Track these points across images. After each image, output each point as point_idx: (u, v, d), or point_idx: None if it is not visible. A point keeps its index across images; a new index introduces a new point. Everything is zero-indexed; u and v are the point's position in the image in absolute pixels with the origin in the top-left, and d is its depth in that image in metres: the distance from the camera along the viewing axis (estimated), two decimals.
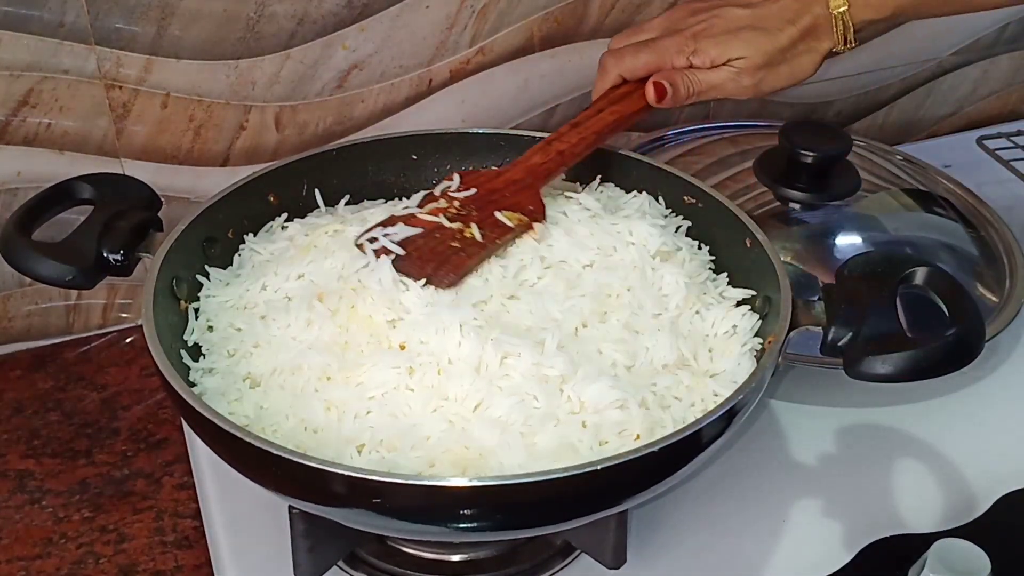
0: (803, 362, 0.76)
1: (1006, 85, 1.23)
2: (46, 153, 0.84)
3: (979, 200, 0.95)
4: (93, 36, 0.80)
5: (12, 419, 0.84)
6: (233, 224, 0.74)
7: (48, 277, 0.66)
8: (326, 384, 0.62)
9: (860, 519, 0.72)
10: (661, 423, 0.61)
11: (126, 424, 0.84)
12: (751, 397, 0.60)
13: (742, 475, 0.75)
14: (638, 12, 0.98)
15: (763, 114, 1.11)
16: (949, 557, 0.63)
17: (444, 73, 0.94)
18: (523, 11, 0.94)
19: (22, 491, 0.78)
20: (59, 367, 0.89)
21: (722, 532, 0.72)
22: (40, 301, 0.90)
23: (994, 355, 0.85)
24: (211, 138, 0.89)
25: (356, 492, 0.54)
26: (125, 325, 0.94)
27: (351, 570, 0.69)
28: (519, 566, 0.69)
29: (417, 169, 0.82)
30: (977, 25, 1.16)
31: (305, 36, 0.87)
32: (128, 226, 0.69)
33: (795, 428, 0.80)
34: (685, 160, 0.95)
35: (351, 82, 0.91)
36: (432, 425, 0.59)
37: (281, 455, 0.54)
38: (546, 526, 0.61)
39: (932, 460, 0.77)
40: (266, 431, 0.60)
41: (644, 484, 0.58)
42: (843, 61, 1.11)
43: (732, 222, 0.73)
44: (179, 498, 0.77)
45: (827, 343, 0.63)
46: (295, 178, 0.78)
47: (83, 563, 0.73)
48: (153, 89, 0.84)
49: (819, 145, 0.85)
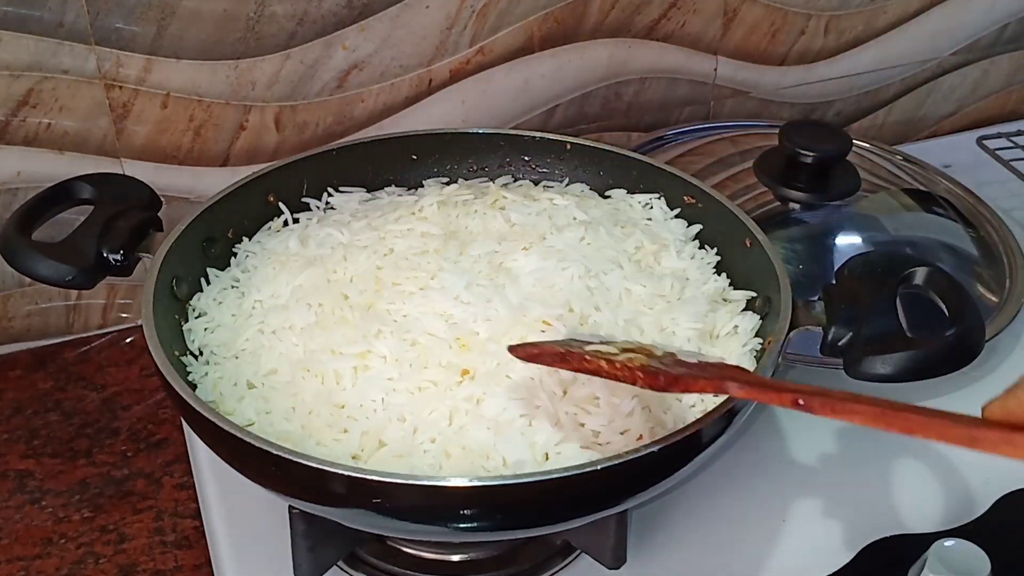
0: (803, 362, 0.76)
1: (1006, 85, 1.23)
2: (46, 153, 0.84)
3: (979, 200, 0.95)
4: (93, 36, 0.80)
5: (12, 419, 0.84)
6: (233, 224, 0.74)
7: (48, 277, 0.66)
8: (327, 385, 0.62)
9: (860, 519, 0.72)
10: (661, 423, 0.61)
11: (126, 424, 0.84)
12: None
13: (742, 475, 0.75)
14: (638, 12, 0.98)
15: (763, 114, 1.11)
16: (949, 557, 0.63)
17: (444, 73, 0.94)
18: (523, 11, 0.94)
19: (22, 491, 0.78)
20: (59, 367, 0.89)
21: (722, 532, 0.72)
22: (40, 301, 0.90)
23: (994, 355, 0.85)
24: (211, 138, 0.89)
25: (356, 492, 0.54)
26: (125, 325, 0.94)
27: (351, 570, 0.69)
28: (519, 566, 0.69)
29: (417, 169, 0.82)
30: (977, 25, 1.16)
31: (305, 36, 0.87)
32: (128, 226, 0.69)
33: (795, 428, 0.80)
34: (685, 160, 0.95)
35: (351, 82, 0.91)
36: (434, 426, 0.59)
37: (281, 455, 0.54)
38: (546, 526, 0.61)
39: (932, 460, 0.77)
40: (266, 431, 0.60)
41: (644, 484, 0.58)
42: (843, 61, 1.11)
43: (732, 222, 0.73)
44: (179, 498, 0.77)
45: (827, 343, 0.63)
46: (295, 178, 0.78)
47: (83, 563, 0.73)
48: (153, 89, 0.84)
49: (819, 145, 0.85)
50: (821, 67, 1.11)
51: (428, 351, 0.62)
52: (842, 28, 1.09)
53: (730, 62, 1.06)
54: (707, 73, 1.06)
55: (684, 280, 0.71)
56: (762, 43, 1.06)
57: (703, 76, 1.06)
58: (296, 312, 0.66)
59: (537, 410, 0.59)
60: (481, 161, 0.83)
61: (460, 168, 0.83)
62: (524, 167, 0.83)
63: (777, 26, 1.06)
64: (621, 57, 1.01)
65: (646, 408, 0.61)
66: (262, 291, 0.69)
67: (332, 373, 0.62)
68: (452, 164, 0.83)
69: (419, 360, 0.62)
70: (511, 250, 0.70)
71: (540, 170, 0.83)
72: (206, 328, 0.68)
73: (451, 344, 0.63)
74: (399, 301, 0.66)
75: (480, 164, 0.83)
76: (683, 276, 0.72)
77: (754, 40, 1.06)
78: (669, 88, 1.05)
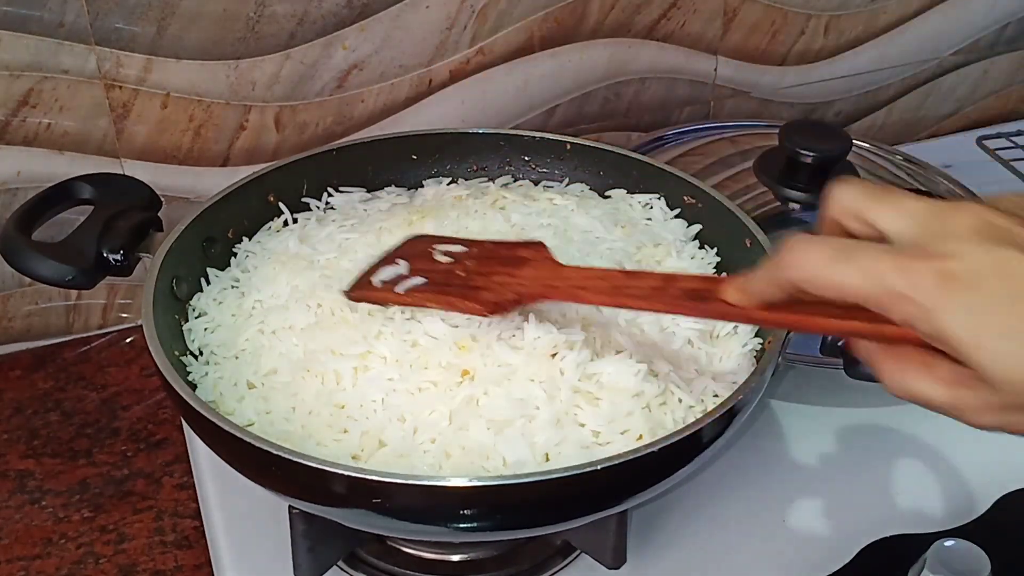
0: (803, 362, 0.76)
1: (1006, 85, 1.23)
2: (46, 153, 0.84)
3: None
4: (93, 36, 0.80)
5: (12, 419, 0.84)
6: (233, 224, 0.74)
7: (48, 277, 0.66)
8: (327, 385, 0.62)
9: (860, 519, 0.72)
10: (661, 423, 0.61)
11: (126, 424, 0.84)
12: (751, 397, 0.60)
13: (742, 475, 0.75)
14: (638, 12, 0.98)
15: (763, 114, 1.11)
16: (949, 557, 0.63)
17: (444, 73, 0.94)
18: (523, 11, 0.94)
19: (22, 491, 0.78)
20: (59, 367, 0.89)
21: (722, 532, 0.72)
22: (40, 301, 0.90)
23: None
24: (211, 138, 0.89)
25: (356, 492, 0.54)
26: (125, 325, 0.94)
27: (351, 570, 0.69)
28: (519, 566, 0.69)
29: (417, 169, 0.82)
30: (977, 25, 1.16)
31: (305, 36, 0.87)
32: (128, 226, 0.69)
33: (795, 428, 0.80)
34: (685, 160, 0.95)
35: (351, 82, 0.91)
36: (434, 426, 0.59)
37: (281, 455, 0.54)
38: (546, 526, 0.61)
39: (932, 460, 0.77)
40: (266, 431, 0.60)
41: (644, 484, 0.58)
42: (843, 61, 1.11)
43: (732, 222, 0.73)
44: (179, 498, 0.77)
45: (827, 343, 0.64)
46: (295, 178, 0.78)
47: (83, 563, 0.73)
48: (153, 89, 0.84)
49: (819, 145, 0.85)
50: (821, 67, 1.11)
51: (428, 352, 0.62)
52: (842, 28, 1.09)
53: (730, 62, 1.06)
54: (707, 73, 1.06)
55: None
56: (762, 43, 1.06)
57: (703, 76, 1.06)
58: (296, 312, 0.66)
59: (537, 410, 0.59)
60: (481, 161, 0.83)
61: (460, 168, 0.83)
62: (524, 167, 0.83)
63: (777, 26, 1.06)
64: (621, 57, 1.01)
65: (646, 408, 0.61)
66: (262, 291, 0.69)
67: (332, 373, 0.62)
68: (452, 164, 0.83)
69: (419, 361, 0.62)
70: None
71: (540, 170, 0.83)
72: (206, 328, 0.68)
73: (451, 345, 0.63)
74: None
75: (480, 164, 0.83)
76: None
77: (754, 40, 1.06)
78: (669, 88, 1.05)
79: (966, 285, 0.39)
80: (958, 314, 0.39)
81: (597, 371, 0.62)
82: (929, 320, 0.40)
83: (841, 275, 0.42)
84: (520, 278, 0.61)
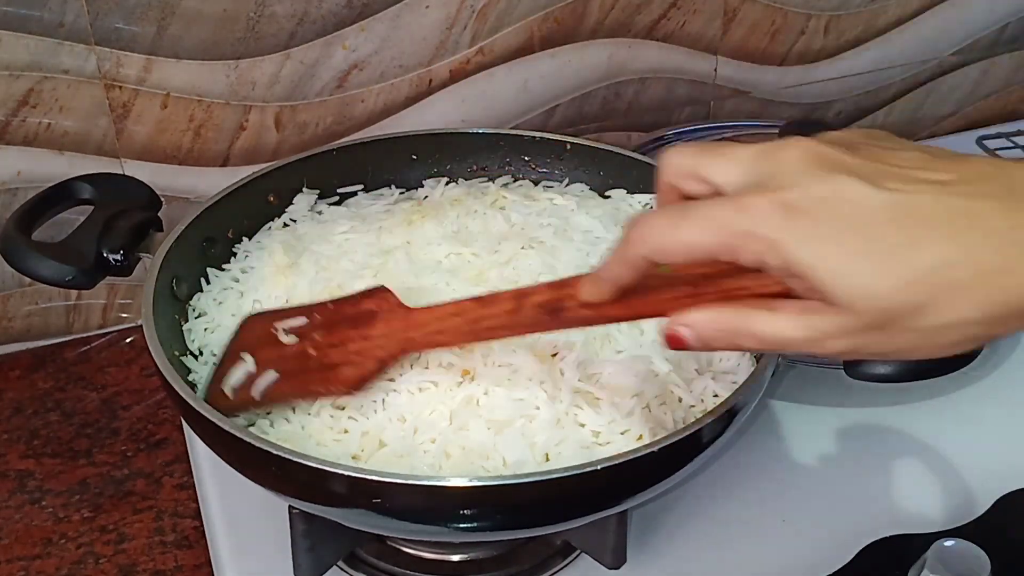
0: (803, 362, 0.76)
1: (1006, 85, 1.23)
2: (46, 153, 0.84)
3: None
4: (93, 36, 0.80)
5: (12, 419, 0.84)
6: (233, 224, 0.75)
7: (48, 277, 0.66)
8: None
9: (860, 519, 0.72)
10: (661, 424, 0.61)
11: (126, 424, 0.84)
12: (751, 397, 0.60)
13: (742, 475, 0.75)
14: (638, 12, 0.98)
15: (763, 114, 1.11)
16: (949, 557, 0.63)
17: (444, 73, 0.94)
18: (523, 11, 0.94)
19: (22, 491, 0.78)
20: (59, 367, 0.89)
21: (722, 532, 0.71)
22: (40, 301, 0.90)
23: (994, 355, 0.85)
24: (211, 138, 0.89)
25: (356, 492, 0.54)
26: (125, 325, 0.94)
27: (351, 570, 0.69)
28: (519, 566, 0.69)
29: (417, 169, 0.82)
30: (977, 25, 1.16)
31: (305, 36, 0.87)
32: (128, 226, 0.69)
33: (795, 428, 0.80)
34: None
35: (351, 82, 0.91)
36: (434, 426, 0.59)
37: (281, 455, 0.54)
38: (546, 526, 0.61)
39: (932, 460, 0.77)
40: (266, 431, 0.60)
41: (644, 484, 0.58)
42: (843, 61, 1.11)
43: None
44: (179, 498, 0.77)
45: None
46: (295, 178, 0.78)
47: (83, 563, 0.73)
48: (153, 89, 0.84)
49: None
50: (821, 67, 1.11)
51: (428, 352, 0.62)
52: (842, 28, 1.09)
53: (730, 62, 1.06)
54: (707, 73, 1.06)
55: None
56: (762, 43, 1.06)
57: (703, 76, 1.06)
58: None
59: (537, 410, 0.59)
60: (481, 161, 0.83)
61: (460, 168, 0.83)
62: (524, 167, 0.83)
63: (777, 26, 1.06)
64: (621, 57, 1.01)
65: (646, 408, 0.61)
66: (262, 291, 0.69)
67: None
68: (452, 164, 0.83)
69: (419, 360, 0.62)
70: (511, 250, 0.70)
71: (540, 170, 0.83)
72: (206, 328, 0.68)
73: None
74: None
75: (480, 164, 0.83)
76: None
77: (754, 40, 1.06)
78: (669, 88, 1.05)
79: (805, 212, 0.40)
80: (803, 241, 0.40)
81: (597, 371, 0.62)
82: (777, 251, 0.40)
83: (686, 234, 0.42)
84: (375, 340, 0.59)
